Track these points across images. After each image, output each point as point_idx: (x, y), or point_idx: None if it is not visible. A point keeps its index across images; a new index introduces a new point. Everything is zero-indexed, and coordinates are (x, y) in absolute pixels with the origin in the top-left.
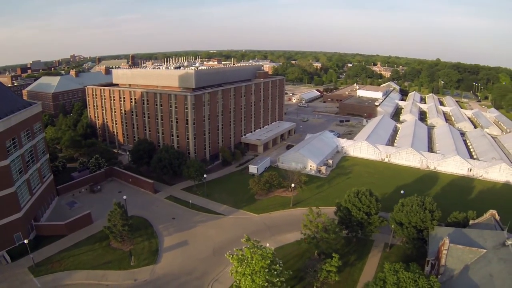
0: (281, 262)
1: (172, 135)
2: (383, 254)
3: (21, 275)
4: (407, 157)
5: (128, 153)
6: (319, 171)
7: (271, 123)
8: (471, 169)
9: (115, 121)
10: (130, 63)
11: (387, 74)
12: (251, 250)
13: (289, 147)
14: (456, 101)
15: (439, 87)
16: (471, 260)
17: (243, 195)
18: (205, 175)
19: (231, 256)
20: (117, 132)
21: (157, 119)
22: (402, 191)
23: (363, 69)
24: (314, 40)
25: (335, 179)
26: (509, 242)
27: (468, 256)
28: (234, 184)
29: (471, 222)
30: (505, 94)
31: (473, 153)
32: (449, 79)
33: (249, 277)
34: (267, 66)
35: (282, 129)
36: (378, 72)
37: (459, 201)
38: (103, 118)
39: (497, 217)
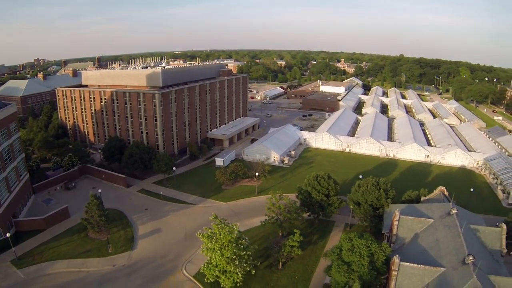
0: (247, 238)
1: (142, 132)
2: (344, 233)
3: (4, 268)
4: (367, 146)
5: (99, 151)
6: (283, 161)
7: (235, 119)
8: (428, 155)
9: (86, 121)
10: (96, 65)
11: (350, 70)
12: (219, 226)
13: (253, 141)
14: (418, 94)
15: (402, 81)
16: (420, 229)
17: (211, 185)
18: (174, 168)
19: (201, 234)
20: (88, 132)
21: (127, 117)
22: (360, 176)
23: (327, 66)
24: (279, 38)
25: (298, 169)
26: (453, 211)
27: (417, 225)
28: (202, 176)
29: (422, 198)
30: (465, 87)
31: (431, 141)
32: (411, 74)
33: (219, 251)
34: (232, 65)
35: (247, 124)
36: (342, 68)
37: (415, 183)
38: (74, 119)
39: (446, 193)
